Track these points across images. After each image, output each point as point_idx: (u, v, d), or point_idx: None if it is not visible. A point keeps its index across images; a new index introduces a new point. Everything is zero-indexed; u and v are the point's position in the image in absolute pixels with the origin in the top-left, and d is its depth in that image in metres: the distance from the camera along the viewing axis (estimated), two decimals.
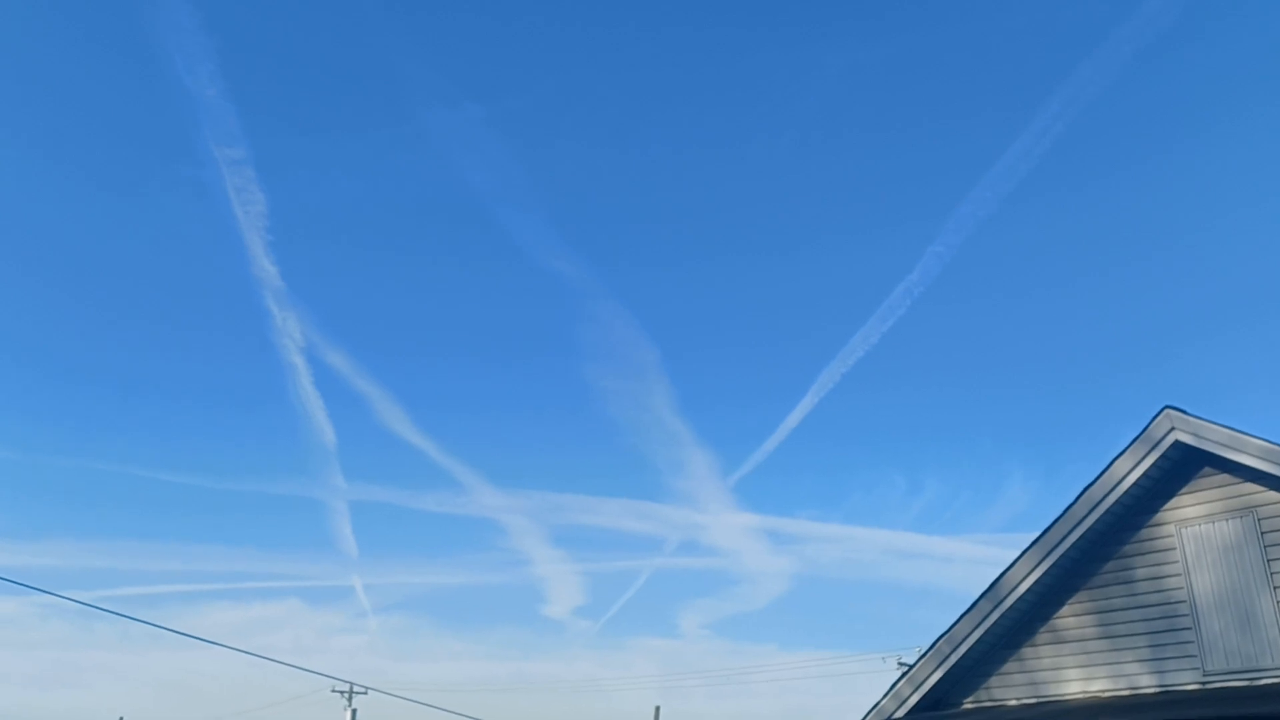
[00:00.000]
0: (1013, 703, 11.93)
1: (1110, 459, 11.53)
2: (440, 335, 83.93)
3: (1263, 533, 10.69)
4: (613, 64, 73.48)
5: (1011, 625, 12.09)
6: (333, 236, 79.71)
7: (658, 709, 45.66)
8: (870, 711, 12.63)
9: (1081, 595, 11.80)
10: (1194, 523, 11.16)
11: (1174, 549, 11.21)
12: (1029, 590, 11.79)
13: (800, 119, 72.82)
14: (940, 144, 72.77)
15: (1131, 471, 11.32)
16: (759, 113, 73.96)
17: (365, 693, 51.06)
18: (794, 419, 73.73)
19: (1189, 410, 11.16)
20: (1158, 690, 10.95)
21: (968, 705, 12.28)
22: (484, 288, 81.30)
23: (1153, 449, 11.23)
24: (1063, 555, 11.65)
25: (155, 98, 70.73)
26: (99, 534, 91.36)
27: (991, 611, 11.93)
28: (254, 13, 70.81)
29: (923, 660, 12.48)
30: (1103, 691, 11.29)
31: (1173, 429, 11.14)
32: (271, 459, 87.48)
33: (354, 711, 51.88)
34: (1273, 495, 10.69)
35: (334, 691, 51.95)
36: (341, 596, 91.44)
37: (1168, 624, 11.08)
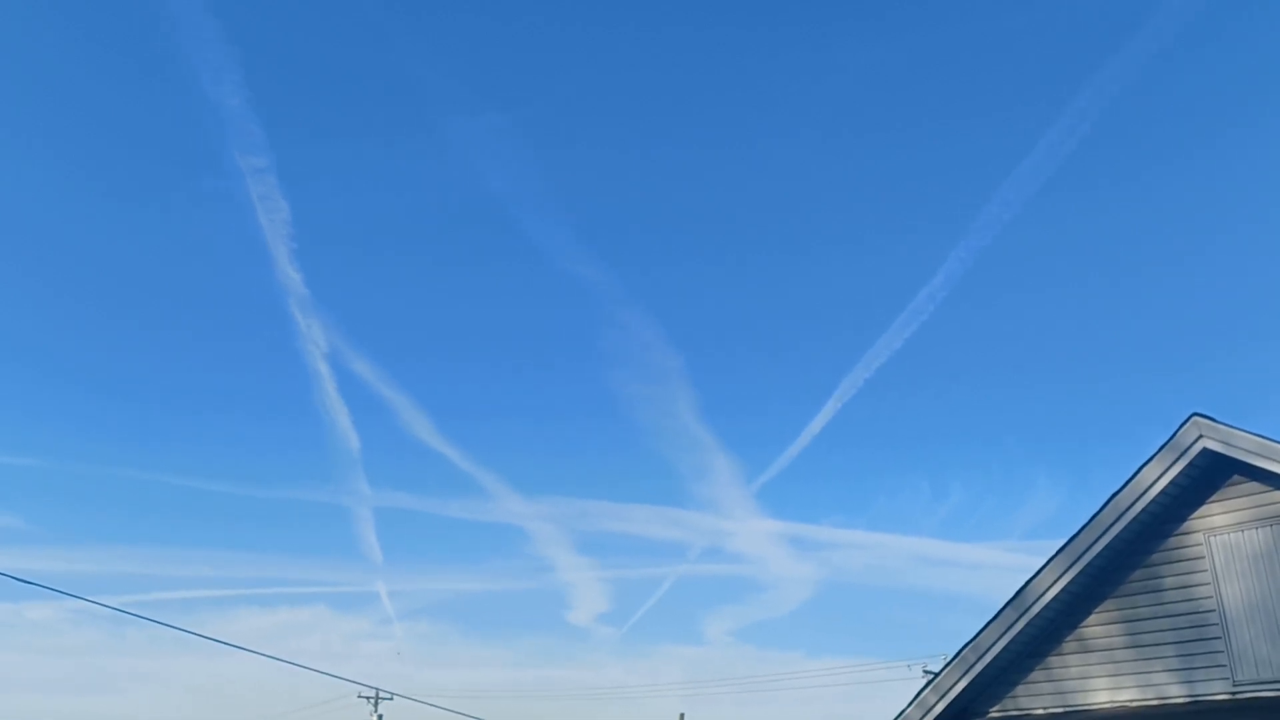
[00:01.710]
0: (1039, 712, 11.84)
1: (1138, 466, 11.44)
2: (464, 342, 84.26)
3: None
4: (631, 68, 73.60)
5: (1038, 634, 12.00)
6: (356, 244, 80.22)
7: (682, 716, 45.62)
8: (896, 719, 12.57)
9: (1109, 604, 11.69)
10: (1223, 531, 11.04)
11: (1203, 558, 11.10)
12: (1055, 599, 11.70)
13: (822, 120, 72.67)
14: (964, 144, 72.34)
15: (1159, 479, 11.22)
16: (780, 114, 73.86)
17: (391, 698, 51.29)
18: (817, 424, 73.35)
19: (1217, 417, 11.06)
20: (1187, 700, 10.84)
21: (994, 714, 12.20)
22: (507, 294, 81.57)
23: (1180, 456, 11.13)
24: (1089, 563, 11.55)
25: (179, 108, 71.51)
26: (130, 540, 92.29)
27: (1017, 620, 11.86)
28: (276, 23, 71.45)
29: (948, 668, 12.42)
30: (1131, 701, 11.19)
31: (1201, 436, 11.04)
32: (297, 466, 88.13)
33: (380, 717, 52.13)
34: None
35: (360, 697, 52.21)
36: (367, 602, 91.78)
37: (1197, 633, 10.97)
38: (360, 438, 76.44)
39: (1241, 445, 10.76)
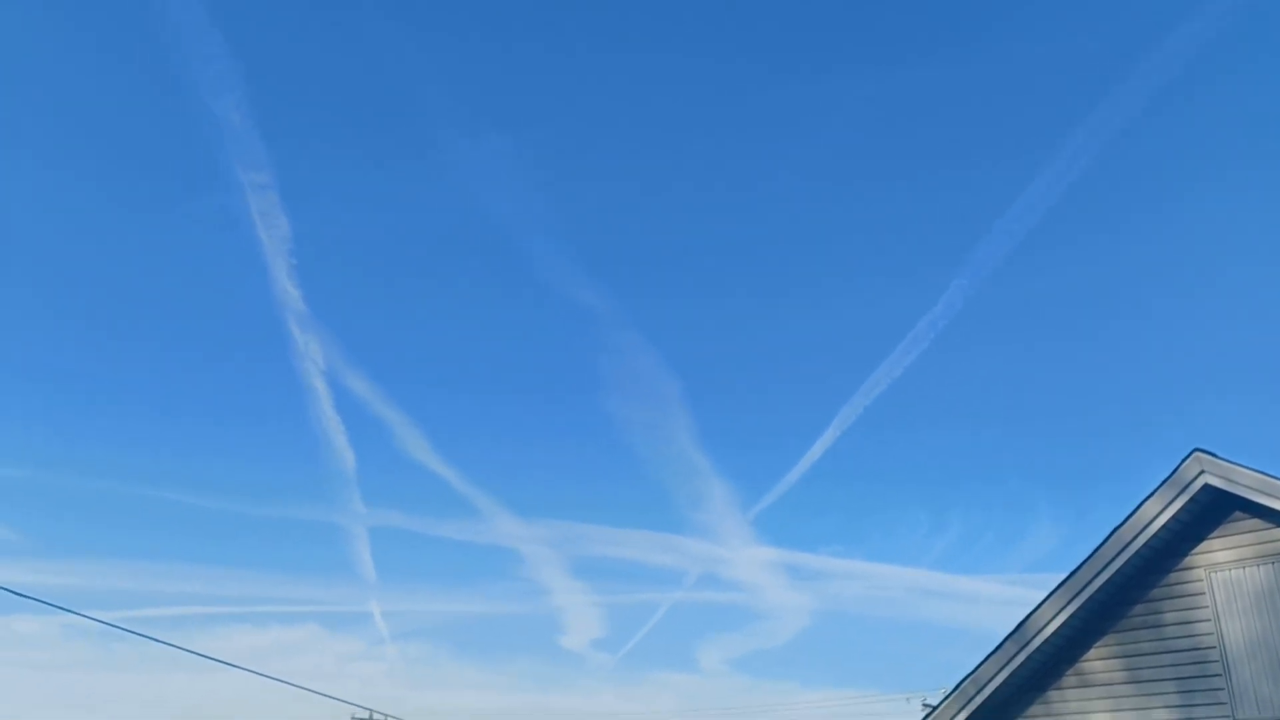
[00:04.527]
0: None
1: (1139, 501, 11.45)
2: (461, 363, 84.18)
3: None
4: (638, 96, 73.96)
5: (1038, 667, 11.97)
6: (356, 263, 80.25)
7: None
8: None
9: (1109, 639, 11.67)
10: (1224, 567, 11.04)
11: (1204, 594, 11.10)
12: (1056, 632, 11.67)
13: (824, 153, 73.03)
14: (966, 177, 72.64)
15: (1160, 514, 11.22)
16: (784, 145, 74.25)
17: None
18: (815, 452, 73.17)
19: (1219, 453, 11.08)
20: None
21: None
22: (505, 316, 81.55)
23: (1182, 492, 11.14)
24: (1090, 598, 11.54)
25: (182, 121, 71.53)
26: (121, 554, 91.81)
27: (1017, 653, 11.83)
28: (281, 39, 71.77)
29: (947, 702, 12.37)
30: None
31: (1202, 472, 11.05)
32: (292, 483, 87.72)
33: None
34: None
35: (353, 719, 51.89)
36: (359, 622, 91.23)
37: (1198, 670, 10.95)
38: (356, 456, 76.26)
39: (1243, 481, 10.77)
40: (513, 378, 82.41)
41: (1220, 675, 10.77)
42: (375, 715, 51.22)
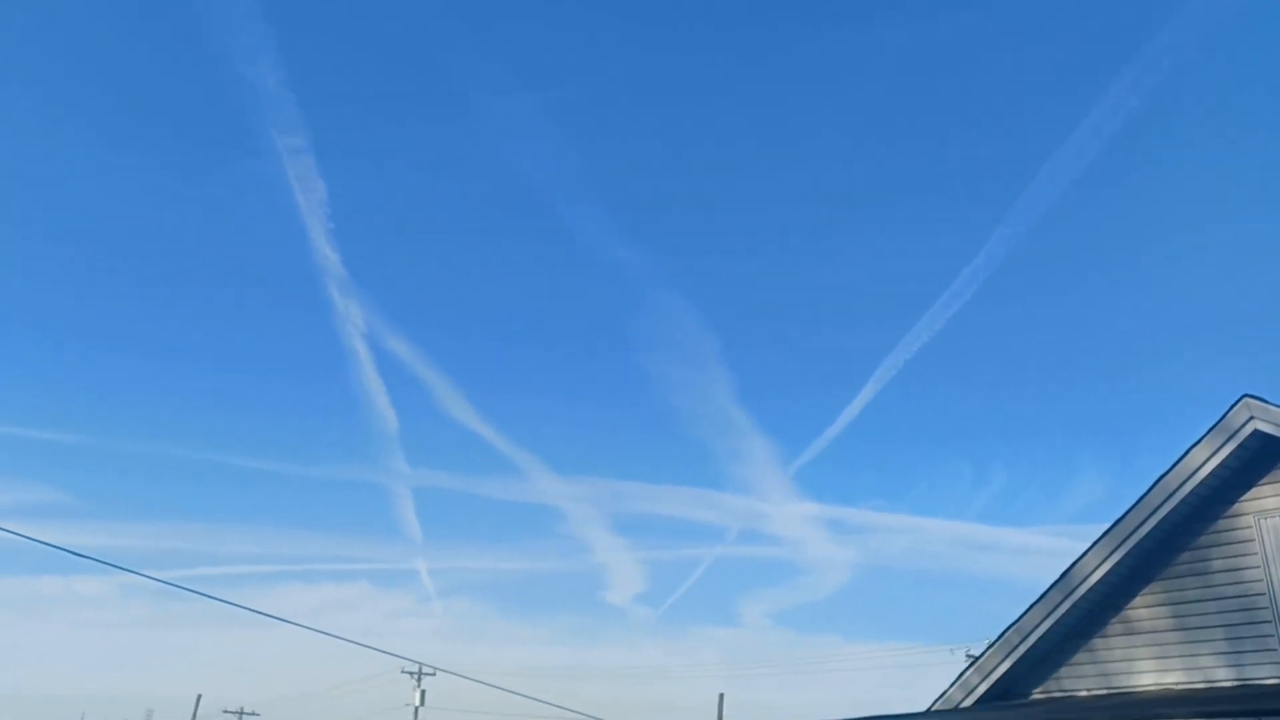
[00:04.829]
0: (1083, 694, 11.78)
1: (1187, 448, 11.32)
2: (499, 323, 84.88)
3: None
4: (671, 53, 73.40)
5: (1082, 616, 11.94)
6: (393, 225, 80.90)
7: (722, 697, 45.84)
8: (937, 700, 12.57)
9: (1155, 586, 11.60)
10: (1274, 514, 10.90)
11: (1253, 540, 10.98)
12: (1101, 581, 11.62)
13: (862, 105, 72.02)
14: (1005, 127, 71.40)
15: (1208, 461, 11.10)
16: (822, 96, 73.34)
17: (434, 674, 52.03)
18: (855, 407, 73.24)
19: (1269, 399, 10.91)
20: (1235, 684, 10.73)
21: (1037, 695, 12.16)
22: (542, 276, 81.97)
23: (1230, 438, 10.99)
24: (1136, 545, 11.46)
25: (218, 88, 72.25)
26: (175, 516, 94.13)
27: (1062, 602, 11.80)
28: (312, 4, 71.87)
29: (991, 650, 12.39)
30: (1177, 684, 11.10)
31: (1251, 418, 10.89)
32: (337, 444, 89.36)
33: (423, 692, 52.92)
34: None
35: (404, 673, 53.05)
36: (407, 580, 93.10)
37: (1246, 617, 10.85)
38: (398, 417, 77.35)
39: None
40: (550, 337, 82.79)
41: (1270, 623, 10.67)
42: (424, 669, 52.34)
